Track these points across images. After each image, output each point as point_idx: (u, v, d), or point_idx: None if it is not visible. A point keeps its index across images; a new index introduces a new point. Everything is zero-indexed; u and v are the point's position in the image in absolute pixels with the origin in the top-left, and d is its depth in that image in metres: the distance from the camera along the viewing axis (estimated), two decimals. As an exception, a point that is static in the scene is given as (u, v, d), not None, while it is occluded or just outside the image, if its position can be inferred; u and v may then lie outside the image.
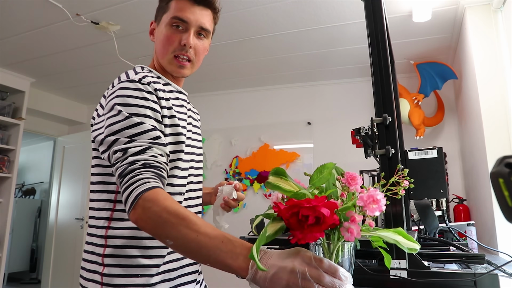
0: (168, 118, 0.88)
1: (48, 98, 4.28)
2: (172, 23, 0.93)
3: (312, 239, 0.62)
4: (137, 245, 0.84)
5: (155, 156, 0.76)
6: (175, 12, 0.93)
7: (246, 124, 4.04)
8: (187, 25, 0.93)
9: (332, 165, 0.74)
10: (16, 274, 5.62)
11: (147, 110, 0.83)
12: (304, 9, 2.48)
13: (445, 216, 1.98)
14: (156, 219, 0.68)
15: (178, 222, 0.67)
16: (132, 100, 0.82)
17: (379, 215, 0.67)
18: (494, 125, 2.15)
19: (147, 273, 0.84)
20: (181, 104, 0.97)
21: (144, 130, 0.79)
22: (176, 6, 0.94)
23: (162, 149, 0.79)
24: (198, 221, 0.68)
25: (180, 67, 0.96)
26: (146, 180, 0.72)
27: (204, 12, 0.95)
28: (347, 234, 0.64)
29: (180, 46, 0.93)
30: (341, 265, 0.72)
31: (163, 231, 0.68)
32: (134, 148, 0.76)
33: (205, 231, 0.66)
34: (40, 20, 2.64)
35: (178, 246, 0.68)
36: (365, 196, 0.65)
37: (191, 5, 0.94)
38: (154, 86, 0.87)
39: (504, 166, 0.38)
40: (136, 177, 0.72)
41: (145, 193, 0.70)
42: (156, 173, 0.75)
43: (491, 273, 0.80)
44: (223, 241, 0.65)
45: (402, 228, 0.70)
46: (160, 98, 0.87)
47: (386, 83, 0.98)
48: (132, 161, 0.74)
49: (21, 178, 6.19)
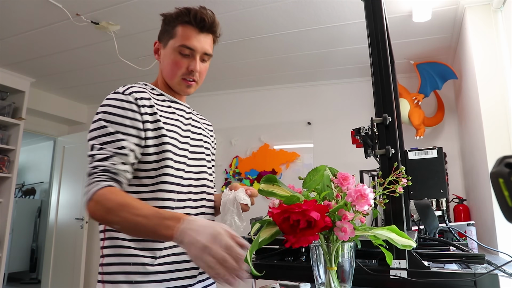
0: (150, 123, 0.96)
1: (48, 98, 4.28)
2: (179, 50, 1.02)
3: (305, 242, 0.64)
4: (129, 237, 0.93)
5: (114, 163, 0.89)
6: (182, 41, 1.01)
7: (246, 124, 4.04)
8: (193, 52, 1.02)
9: (323, 168, 0.76)
10: (16, 274, 5.62)
11: (123, 119, 0.93)
12: (304, 9, 2.48)
13: (445, 216, 1.98)
14: (104, 209, 0.83)
15: (120, 208, 0.82)
16: (111, 109, 0.93)
17: (379, 215, 0.68)
18: (494, 125, 2.15)
19: (139, 262, 0.91)
20: (173, 111, 1.05)
21: (113, 140, 0.91)
22: (183, 33, 1.02)
23: (124, 158, 0.91)
24: (138, 205, 0.83)
25: (187, 87, 1.07)
26: (100, 181, 0.87)
27: (207, 39, 1.05)
28: (341, 233, 0.65)
29: (187, 71, 1.03)
30: (341, 266, 0.72)
31: (110, 218, 0.83)
32: (100, 155, 0.90)
33: (143, 212, 0.81)
34: (40, 20, 2.64)
35: (123, 228, 0.84)
36: (353, 192, 0.67)
37: (196, 33, 1.02)
38: (135, 96, 0.96)
39: (504, 166, 0.38)
40: (94, 179, 0.87)
41: (98, 191, 0.85)
42: (111, 177, 0.89)
43: (491, 273, 0.80)
44: (156, 216, 0.80)
45: (396, 226, 0.71)
46: (141, 106, 0.95)
47: (386, 83, 0.98)
48: (95, 166, 0.89)
49: (21, 178, 6.19)
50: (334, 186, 0.73)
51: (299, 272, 0.99)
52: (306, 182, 0.75)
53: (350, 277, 0.73)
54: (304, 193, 0.74)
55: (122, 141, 0.91)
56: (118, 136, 0.91)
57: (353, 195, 0.67)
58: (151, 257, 0.93)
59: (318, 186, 0.75)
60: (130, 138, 0.93)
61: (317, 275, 0.74)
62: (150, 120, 0.96)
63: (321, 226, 0.63)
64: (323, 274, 0.72)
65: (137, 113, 0.94)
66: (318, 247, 0.72)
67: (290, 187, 0.77)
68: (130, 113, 0.94)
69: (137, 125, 0.94)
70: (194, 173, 1.04)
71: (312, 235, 0.63)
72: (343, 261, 0.72)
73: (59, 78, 3.83)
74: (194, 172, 1.04)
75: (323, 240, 0.71)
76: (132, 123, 0.93)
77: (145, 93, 0.99)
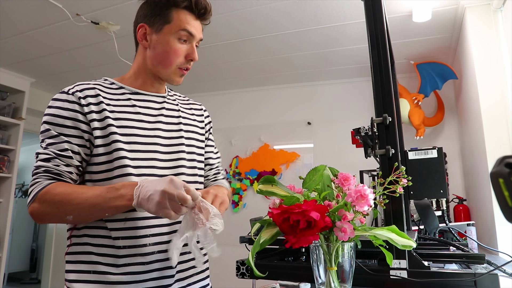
0: (98, 121, 0.92)
1: (48, 98, 4.20)
2: (181, 35, 0.97)
3: (305, 242, 0.64)
4: (90, 242, 0.91)
5: (57, 165, 0.88)
6: (184, 25, 0.96)
7: (246, 124, 4.04)
8: (192, 38, 0.99)
9: (323, 167, 0.76)
10: (16, 274, 5.62)
11: (66, 120, 0.91)
12: (304, 9, 2.48)
13: (445, 216, 1.98)
14: (51, 205, 0.83)
15: (69, 197, 0.82)
16: (54, 111, 0.92)
17: (380, 215, 0.68)
18: (494, 125, 2.15)
19: (99, 270, 0.88)
20: (132, 104, 0.98)
21: (56, 142, 0.90)
22: (182, 18, 0.97)
23: (67, 160, 0.89)
24: (84, 189, 0.85)
25: (181, 76, 1.02)
26: (42, 181, 0.86)
27: (201, 26, 1.02)
28: (341, 233, 0.65)
29: (185, 60, 0.99)
30: (341, 266, 0.72)
31: (60, 211, 0.83)
32: (43, 155, 0.89)
33: (94, 193, 0.83)
34: (40, 20, 2.64)
35: (77, 216, 0.84)
36: (353, 192, 0.67)
37: (194, 19, 0.99)
38: (78, 95, 0.92)
39: (504, 166, 0.38)
40: (36, 180, 0.87)
41: (40, 191, 0.84)
42: (54, 178, 0.88)
43: (491, 273, 0.80)
44: (108, 191, 0.82)
45: (396, 226, 0.71)
46: (85, 105, 0.92)
47: (386, 83, 0.98)
48: (38, 166, 0.88)
49: (21, 178, 6.18)
50: (335, 186, 0.73)
51: (299, 272, 0.99)
52: (306, 182, 0.75)
53: (350, 277, 0.73)
54: (304, 193, 0.74)
55: (64, 143, 0.89)
56: (61, 138, 0.90)
57: (353, 196, 0.67)
58: (111, 264, 0.88)
59: (319, 186, 0.75)
60: (73, 140, 0.90)
61: (317, 275, 0.74)
62: (97, 118, 0.92)
63: (321, 226, 0.63)
64: (323, 274, 0.72)
65: (79, 113, 0.91)
66: (318, 247, 0.72)
67: (290, 187, 0.77)
68: (72, 113, 0.91)
69: (79, 126, 0.91)
70: (169, 168, 0.97)
71: (312, 235, 0.63)
72: (343, 261, 0.72)
73: (59, 78, 3.83)
74: (169, 168, 0.97)
75: (323, 240, 0.71)
76: (74, 124, 0.91)
77: (92, 90, 0.94)
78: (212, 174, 1.17)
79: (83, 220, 0.89)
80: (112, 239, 0.89)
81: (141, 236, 0.90)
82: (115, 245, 0.89)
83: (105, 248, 0.89)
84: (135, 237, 0.90)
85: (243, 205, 3.83)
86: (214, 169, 1.18)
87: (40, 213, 0.86)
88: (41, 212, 0.85)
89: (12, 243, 5.20)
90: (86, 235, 0.92)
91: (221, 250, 0.80)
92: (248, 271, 1.05)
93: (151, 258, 0.90)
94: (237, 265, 1.07)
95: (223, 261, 1.35)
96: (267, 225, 0.72)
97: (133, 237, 0.90)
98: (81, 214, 0.84)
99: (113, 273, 0.87)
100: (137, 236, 0.90)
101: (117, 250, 0.89)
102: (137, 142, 0.94)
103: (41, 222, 0.91)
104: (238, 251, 1.39)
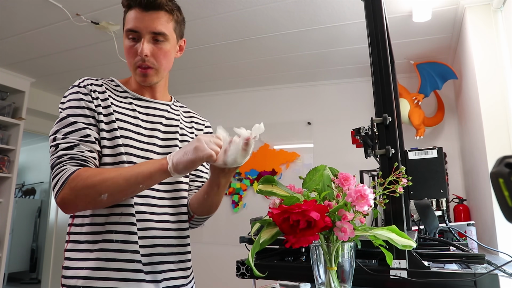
0: (104, 115, 0.94)
1: (48, 98, 4.28)
2: (127, 36, 0.96)
3: (305, 242, 0.64)
4: (76, 239, 0.93)
5: (82, 151, 0.87)
6: (127, 25, 0.96)
7: (246, 124, 4.00)
8: (138, 34, 0.94)
9: (323, 167, 0.76)
10: (16, 274, 5.62)
11: (83, 110, 0.92)
12: (304, 9, 2.48)
13: (445, 216, 1.98)
14: (84, 187, 0.81)
15: (102, 176, 0.82)
16: (70, 103, 0.92)
17: (380, 215, 0.68)
18: (494, 125, 2.15)
19: (75, 266, 0.90)
20: (133, 108, 1.00)
21: (76, 129, 0.89)
22: (128, 17, 0.96)
23: (90, 146, 0.89)
24: (115, 169, 0.87)
25: (143, 75, 0.97)
26: (69, 168, 0.84)
27: (155, 16, 0.94)
28: (341, 233, 0.65)
29: (138, 56, 0.95)
30: (341, 266, 0.72)
31: (94, 191, 0.81)
32: (65, 144, 0.87)
33: (124, 169, 0.85)
34: (40, 20, 2.64)
35: (113, 192, 0.82)
36: (353, 192, 0.67)
37: (139, 13, 0.94)
38: (90, 88, 0.94)
39: (504, 166, 0.38)
40: (62, 167, 0.84)
41: (70, 177, 0.82)
42: (81, 164, 0.86)
43: (491, 273, 0.80)
44: (139, 165, 0.85)
45: (396, 226, 0.71)
46: (95, 98, 0.94)
47: (386, 83, 0.98)
48: (60, 155, 0.86)
49: (21, 178, 6.19)
50: (335, 186, 0.73)
51: (299, 272, 0.99)
52: (306, 182, 0.75)
53: (350, 277, 0.73)
54: (304, 193, 0.74)
55: (86, 129, 0.89)
56: (81, 125, 0.89)
57: (353, 196, 0.67)
58: (80, 259, 0.90)
59: (319, 186, 0.75)
60: (92, 127, 0.91)
61: (317, 275, 0.74)
62: (104, 113, 0.94)
63: (321, 226, 0.63)
64: (323, 274, 0.72)
65: (92, 104, 0.93)
66: (318, 247, 0.72)
67: (290, 187, 0.77)
68: (87, 103, 0.92)
69: (94, 115, 0.93)
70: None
71: (312, 235, 0.63)
72: (343, 261, 0.72)
73: (59, 78, 3.83)
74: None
75: (323, 240, 0.71)
76: (91, 113, 0.92)
77: (100, 86, 0.97)
78: (195, 185, 1.13)
79: (118, 197, 0.86)
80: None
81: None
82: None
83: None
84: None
85: (243, 205, 3.83)
86: (199, 182, 1.14)
87: (72, 199, 0.82)
88: (74, 197, 0.82)
89: (12, 243, 5.20)
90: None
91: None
92: (248, 271, 1.05)
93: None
94: (237, 265, 1.07)
95: (223, 261, 1.35)
96: (267, 225, 0.72)
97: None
98: (116, 189, 0.82)
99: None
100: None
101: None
102: (133, 146, 0.96)
103: (73, 209, 0.88)
104: (238, 251, 1.39)
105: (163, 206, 1.00)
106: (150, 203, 0.97)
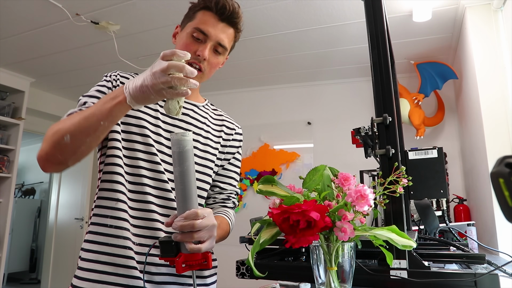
0: None
1: (48, 98, 4.28)
2: (192, 32, 0.97)
3: (305, 242, 0.64)
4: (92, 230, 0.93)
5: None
6: (198, 24, 0.97)
7: (246, 124, 4.02)
8: (206, 38, 0.97)
9: (323, 167, 0.76)
10: (16, 274, 5.61)
11: (99, 93, 0.94)
12: (304, 9, 2.48)
13: (445, 216, 1.98)
14: (52, 134, 0.82)
15: (65, 120, 0.83)
16: (91, 90, 0.96)
17: (380, 215, 0.68)
18: (494, 125, 2.15)
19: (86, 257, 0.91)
20: (155, 103, 0.99)
21: (83, 103, 0.91)
22: (202, 17, 0.98)
23: None
24: (81, 111, 0.84)
25: None
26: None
27: (226, 30, 1.00)
28: (341, 233, 0.65)
29: (194, 55, 0.96)
30: (341, 266, 0.72)
31: (59, 135, 0.80)
32: (80, 102, 0.91)
33: (86, 109, 0.82)
34: (40, 20, 2.63)
35: (75, 133, 0.79)
36: (353, 192, 0.67)
37: (215, 20, 0.98)
38: (114, 78, 0.98)
39: (504, 166, 0.38)
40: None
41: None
42: None
43: (491, 273, 0.79)
44: (101, 99, 0.81)
45: (396, 226, 0.71)
46: (117, 86, 0.95)
47: (386, 83, 0.97)
48: (83, 102, 0.90)
49: (21, 178, 6.19)
50: (335, 186, 0.73)
51: (299, 272, 0.99)
52: (306, 182, 0.75)
53: (350, 277, 0.73)
54: (304, 193, 0.74)
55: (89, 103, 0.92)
56: (88, 104, 0.91)
57: (353, 196, 0.67)
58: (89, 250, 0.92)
59: (319, 186, 0.74)
60: None
61: (317, 275, 0.74)
62: None
63: (321, 226, 0.63)
64: (323, 274, 0.72)
65: (111, 90, 0.95)
66: (318, 247, 0.72)
67: (290, 187, 0.77)
68: (107, 89, 0.95)
69: None
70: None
71: (312, 235, 0.63)
72: (343, 261, 0.72)
73: (59, 78, 3.83)
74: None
75: (323, 240, 0.71)
76: (102, 96, 0.93)
77: (127, 79, 0.98)
78: (220, 198, 1.12)
79: (80, 138, 0.80)
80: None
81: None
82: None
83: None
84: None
85: (243, 205, 3.83)
86: (225, 194, 1.13)
87: (43, 148, 0.85)
88: (44, 147, 0.85)
89: (12, 243, 5.20)
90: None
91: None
92: (248, 271, 1.05)
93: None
94: (237, 265, 1.07)
95: (223, 261, 1.35)
96: (267, 225, 0.71)
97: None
98: (77, 129, 0.79)
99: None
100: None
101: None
102: (148, 129, 0.96)
103: (45, 160, 0.88)
104: (238, 251, 1.39)
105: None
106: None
